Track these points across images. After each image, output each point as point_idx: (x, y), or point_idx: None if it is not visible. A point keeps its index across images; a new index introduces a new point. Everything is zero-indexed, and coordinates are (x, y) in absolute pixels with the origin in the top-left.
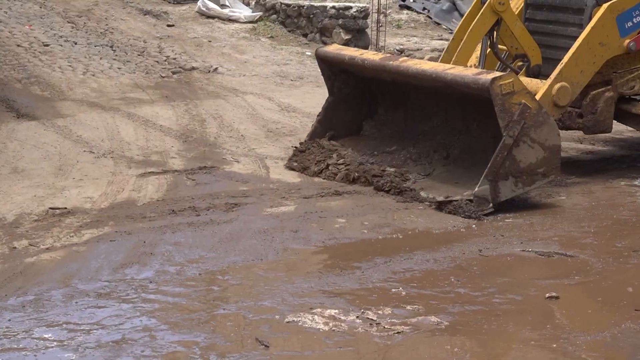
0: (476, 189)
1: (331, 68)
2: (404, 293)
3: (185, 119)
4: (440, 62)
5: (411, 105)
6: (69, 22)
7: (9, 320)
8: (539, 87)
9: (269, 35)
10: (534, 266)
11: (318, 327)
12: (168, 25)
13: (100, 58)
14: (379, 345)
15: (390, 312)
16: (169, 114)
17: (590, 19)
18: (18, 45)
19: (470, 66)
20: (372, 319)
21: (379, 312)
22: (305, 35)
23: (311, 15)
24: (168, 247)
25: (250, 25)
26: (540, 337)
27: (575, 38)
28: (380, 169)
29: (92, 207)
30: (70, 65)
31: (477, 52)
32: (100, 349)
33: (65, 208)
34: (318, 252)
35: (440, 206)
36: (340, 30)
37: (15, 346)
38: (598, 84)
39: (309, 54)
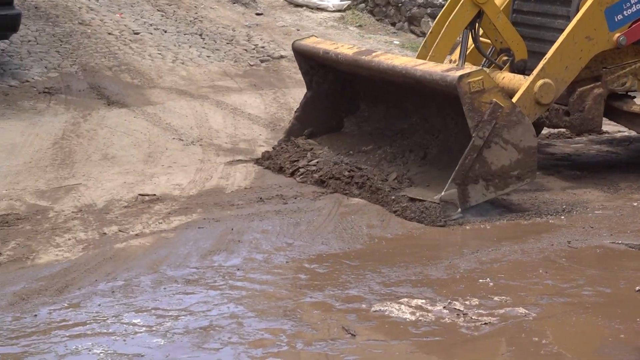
0: (443, 193)
1: (308, 62)
2: (491, 284)
3: (273, 107)
4: (417, 57)
5: (391, 102)
6: (158, 11)
7: (99, 305)
8: (522, 83)
9: (357, 24)
10: (624, 258)
11: (405, 316)
12: (257, 14)
13: (190, 46)
14: (466, 336)
15: (477, 302)
16: (257, 102)
17: (577, 11)
18: (109, 34)
19: (453, 61)
20: (459, 310)
21: (466, 302)
22: (393, 24)
23: (400, 4)
24: (255, 235)
25: (338, 14)
26: (630, 331)
27: (562, 31)
28: (347, 170)
29: (180, 194)
30: (159, 53)
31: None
32: (188, 335)
33: (155, 195)
34: (404, 241)
35: (404, 211)
36: (429, 19)
37: (105, 331)
38: (586, 79)
39: (397, 42)
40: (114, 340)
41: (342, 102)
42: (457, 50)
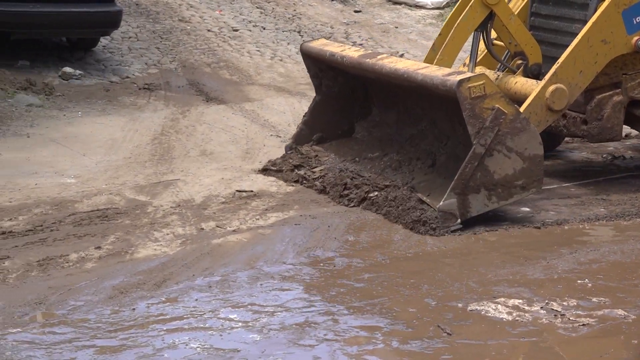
0: (441, 203)
1: (317, 64)
2: (589, 285)
3: None
4: (425, 60)
5: (402, 107)
6: (257, 8)
7: (196, 300)
8: (534, 88)
9: None
10: None
11: (501, 316)
12: (355, 11)
13: (288, 43)
14: (564, 337)
15: (575, 303)
16: None
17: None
18: (208, 30)
19: (465, 65)
20: (556, 310)
21: (564, 303)
22: None
23: None
24: (352, 232)
25: (437, 12)
26: None
27: None
28: (349, 179)
29: (277, 190)
30: (258, 50)
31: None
32: (284, 331)
33: (252, 191)
34: (502, 240)
35: (399, 220)
36: None
37: (202, 326)
38: (605, 86)
39: None
40: (210, 335)
41: (353, 107)
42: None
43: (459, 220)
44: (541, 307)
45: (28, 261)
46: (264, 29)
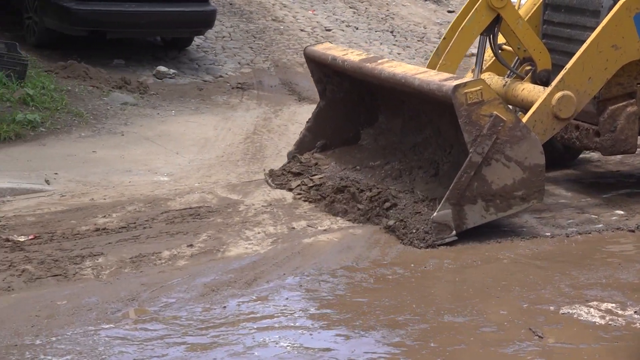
0: (435, 214)
1: (321, 69)
2: None
3: None
4: (428, 64)
5: (407, 113)
6: (350, 8)
7: (287, 298)
8: (540, 95)
9: None
10: None
11: (594, 320)
12: (448, 11)
13: (381, 43)
14: None
15: None
16: None
17: None
18: (301, 30)
19: (472, 70)
20: None
21: None
22: None
23: None
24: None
25: None
26: None
27: None
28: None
29: None
30: None
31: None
32: (374, 330)
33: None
34: (595, 243)
35: (392, 230)
36: None
37: (292, 324)
38: (619, 97)
39: None
40: (300, 334)
41: (359, 113)
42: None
43: (453, 232)
44: (635, 312)
45: (121, 258)
46: (357, 28)
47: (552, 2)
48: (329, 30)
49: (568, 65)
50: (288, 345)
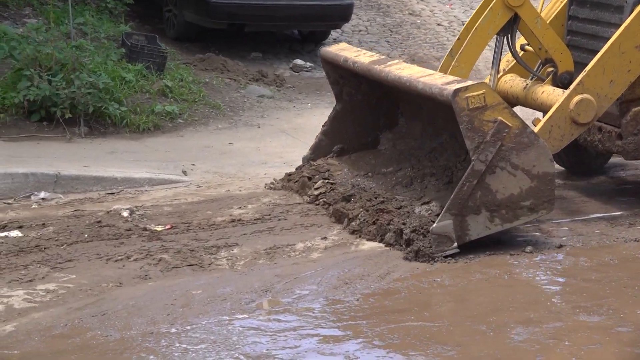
0: (435, 225)
1: (337, 71)
2: None
3: None
4: (441, 65)
5: (426, 117)
6: None
7: (420, 293)
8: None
9: None
10: None
11: None
12: None
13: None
14: None
15: None
16: None
17: None
18: (438, 24)
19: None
20: None
21: None
22: None
23: None
24: (574, 237)
25: None
26: None
27: None
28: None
29: None
30: (488, 45)
31: (508, 55)
32: (509, 328)
33: None
34: None
35: (389, 243)
36: None
37: (425, 317)
38: None
39: None
40: (436, 327)
41: (378, 117)
42: (505, 59)
43: (455, 244)
44: None
45: (256, 249)
46: None
47: None
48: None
49: (588, 67)
50: (423, 339)
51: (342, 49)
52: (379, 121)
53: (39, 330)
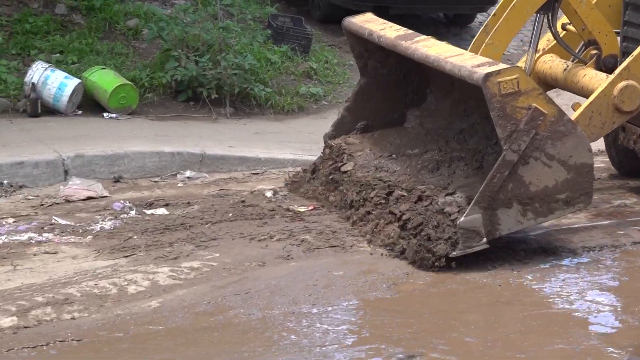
0: (462, 219)
1: (361, 43)
2: None
3: None
4: (474, 42)
5: (457, 95)
6: None
7: (563, 280)
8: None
9: None
10: None
11: None
12: None
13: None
14: None
15: None
16: None
17: None
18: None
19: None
20: None
21: None
22: None
23: None
24: None
25: None
26: None
27: None
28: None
29: None
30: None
31: (549, 35)
32: None
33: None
34: None
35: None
36: None
37: (568, 307)
38: None
39: None
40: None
41: (405, 92)
42: (545, 38)
43: (484, 240)
44: None
45: None
46: None
47: (633, 1)
48: None
49: (635, 52)
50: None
51: (367, 20)
52: (406, 97)
53: (183, 307)
